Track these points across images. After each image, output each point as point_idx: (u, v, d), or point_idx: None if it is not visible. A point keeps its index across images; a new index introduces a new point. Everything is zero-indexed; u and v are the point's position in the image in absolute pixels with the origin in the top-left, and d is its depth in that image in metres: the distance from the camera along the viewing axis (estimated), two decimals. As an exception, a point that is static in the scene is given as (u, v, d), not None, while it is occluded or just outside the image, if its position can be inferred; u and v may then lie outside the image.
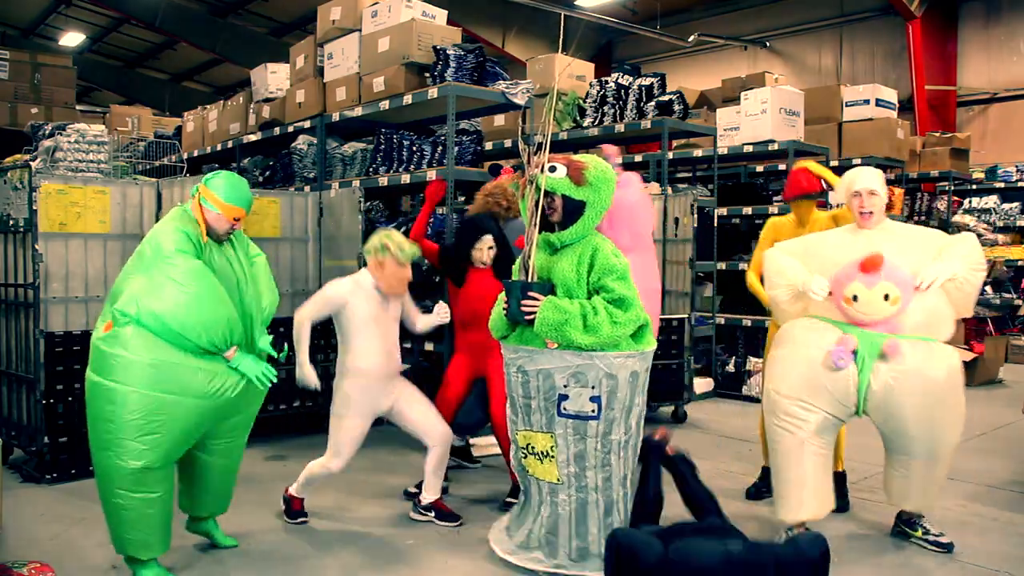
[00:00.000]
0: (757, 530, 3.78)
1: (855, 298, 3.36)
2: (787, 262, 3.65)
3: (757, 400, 3.83)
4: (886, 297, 3.32)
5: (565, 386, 3.19)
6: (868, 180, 3.59)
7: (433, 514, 3.93)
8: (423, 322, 3.99)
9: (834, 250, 3.56)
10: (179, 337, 3.02)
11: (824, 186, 4.21)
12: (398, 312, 3.87)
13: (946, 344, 3.47)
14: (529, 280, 3.26)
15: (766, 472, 4.21)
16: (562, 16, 11.40)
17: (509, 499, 4.12)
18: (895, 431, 3.48)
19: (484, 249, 4.17)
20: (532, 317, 3.16)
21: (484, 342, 4.05)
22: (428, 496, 3.95)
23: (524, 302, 3.18)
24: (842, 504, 4.14)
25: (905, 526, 3.74)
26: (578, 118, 7.71)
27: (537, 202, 3.21)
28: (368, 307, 3.70)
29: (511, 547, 3.39)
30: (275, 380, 3.26)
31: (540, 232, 3.29)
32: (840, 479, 4.25)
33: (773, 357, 3.66)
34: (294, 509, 3.95)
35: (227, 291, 3.21)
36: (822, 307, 3.53)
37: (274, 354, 3.36)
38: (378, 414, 3.84)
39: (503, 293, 3.33)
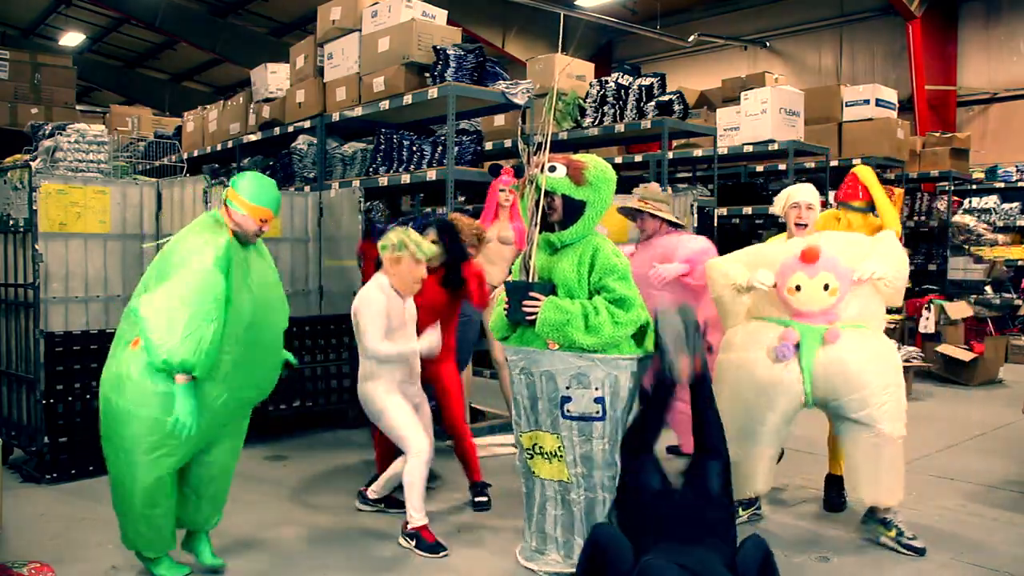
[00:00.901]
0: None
1: (798, 288, 3.61)
2: (730, 266, 3.90)
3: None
4: (826, 287, 3.58)
5: (567, 387, 3.18)
6: (807, 195, 3.92)
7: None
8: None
9: (775, 255, 3.80)
10: (143, 331, 2.89)
11: (862, 194, 4.27)
12: (414, 312, 3.82)
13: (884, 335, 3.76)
14: (530, 280, 3.26)
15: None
16: (561, 16, 11.40)
17: (477, 499, 4.13)
18: (838, 401, 3.57)
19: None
20: (533, 318, 3.16)
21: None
22: (376, 492, 4.01)
23: (525, 303, 3.18)
24: (840, 504, 4.15)
25: (880, 524, 3.71)
26: (579, 118, 7.71)
27: (537, 202, 3.21)
28: (392, 309, 3.64)
29: (529, 553, 3.42)
30: (188, 430, 2.98)
31: (540, 232, 3.30)
32: (840, 481, 4.24)
33: (721, 366, 3.83)
34: (428, 542, 3.54)
35: (250, 302, 3.09)
36: (764, 306, 3.76)
37: (292, 360, 3.48)
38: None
39: (504, 293, 3.33)
